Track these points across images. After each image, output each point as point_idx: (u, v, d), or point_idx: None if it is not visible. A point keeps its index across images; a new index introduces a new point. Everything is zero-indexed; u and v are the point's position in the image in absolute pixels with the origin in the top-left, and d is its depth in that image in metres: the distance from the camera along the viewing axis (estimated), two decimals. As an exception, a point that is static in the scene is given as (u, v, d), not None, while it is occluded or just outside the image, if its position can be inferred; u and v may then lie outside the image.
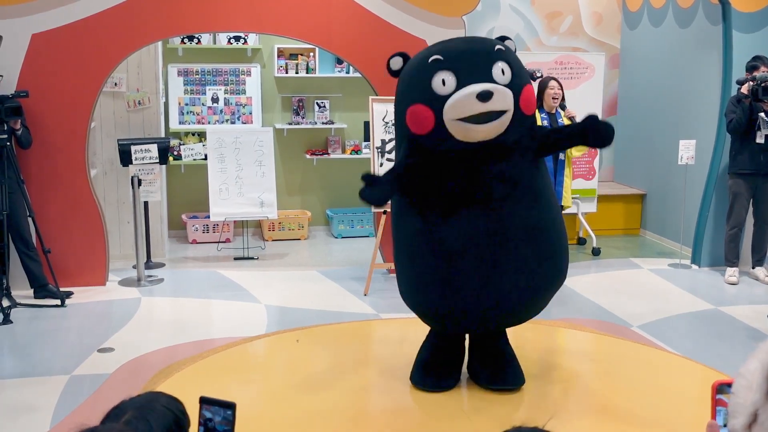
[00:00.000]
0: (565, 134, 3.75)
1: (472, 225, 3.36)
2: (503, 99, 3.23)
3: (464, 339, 3.76)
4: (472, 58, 3.31)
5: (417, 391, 3.72)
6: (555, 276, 3.58)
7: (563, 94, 6.45)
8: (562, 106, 6.44)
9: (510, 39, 3.55)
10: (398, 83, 3.54)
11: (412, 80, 3.40)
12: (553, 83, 6.41)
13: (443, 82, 3.25)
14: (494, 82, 3.24)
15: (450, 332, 3.67)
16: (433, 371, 3.71)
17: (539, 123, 6.23)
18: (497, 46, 3.38)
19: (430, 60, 3.32)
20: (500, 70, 3.28)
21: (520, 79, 3.35)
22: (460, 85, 3.23)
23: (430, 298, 3.48)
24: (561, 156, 6.34)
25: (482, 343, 3.72)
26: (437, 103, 3.26)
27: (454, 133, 3.27)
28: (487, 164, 3.35)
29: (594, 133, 3.41)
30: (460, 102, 3.22)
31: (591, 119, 3.40)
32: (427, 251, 3.42)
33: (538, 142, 3.48)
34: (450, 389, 3.69)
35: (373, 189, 3.32)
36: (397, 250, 3.62)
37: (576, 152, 6.48)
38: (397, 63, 3.55)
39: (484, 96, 3.18)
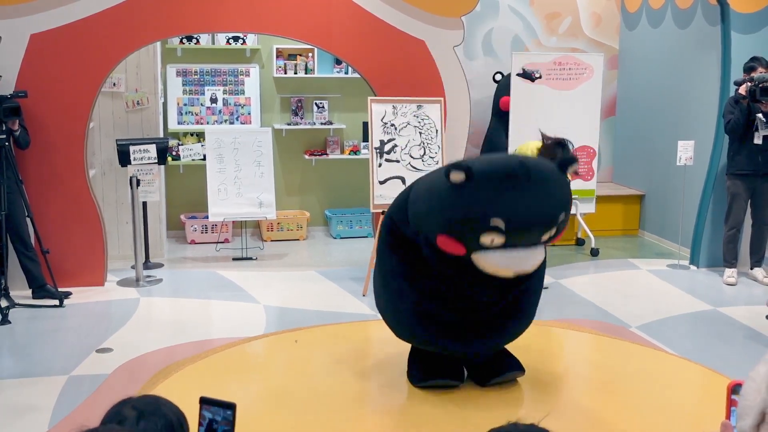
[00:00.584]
0: None
1: (468, 302, 3.47)
2: (535, 266, 3.23)
3: None
4: (535, 232, 3.13)
5: (415, 391, 3.72)
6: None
7: None
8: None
9: (575, 162, 3.26)
10: (446, 196, 3.15)
11: (463, 219, 3.12)
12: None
13: (492, 241, 3.08)
14: (539, 242, 3.18)
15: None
16: (431, 368, 3.72)
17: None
18: (561, 217, 3.15)
19: (491, 222, 3.04)
20: (549, 236, 3.20)
21: (564, 224, 3.26)
22: (507, 245, 3.10)
23: (415, 332, 3.61)
24: None
25: None
26: (475, 246, 3.12)
27: (479, 267, 3.20)
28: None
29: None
30: (495, 268, 3.15)
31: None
32: (417, 304, 3.52)
33: None
34: (454, 386, 3.70)
35: None
36: (384, 283, 3.67)
37: None
38: (458, 177, 3.09)
39: (519, 273, 3.20)
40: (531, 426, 1.59)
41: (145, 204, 6.98)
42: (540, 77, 7.31)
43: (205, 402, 1.78)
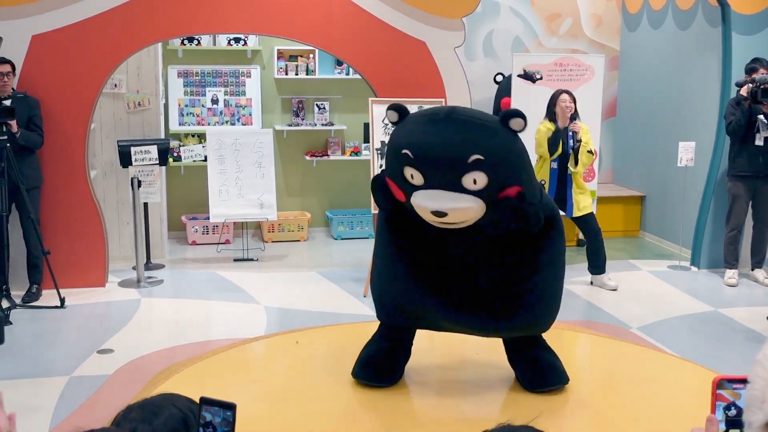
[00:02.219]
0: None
1: (444, 278, 3.45)
2: (461, 215, 3.15)
3: (412, 341, 3.81)
4: (442, 164, 3.12)
5: (417, 391, 3.73)
6: (531, 328, 3.66)
7: (575, 107, 6.37)
8: (573, 118, 6.38)
9: (519, 117, 3.17)
10: (391, 135, 3.43)
11: (389, 151, 3.32)
12: (564, 96, 6.37)
13: (412, 176, 3.17)
14: (463, 190, 3.12)
15: (408, 327, 3.75)
16: (375, 366, 3.75)
17: (547, 135, 6.26)
18: (474, 157, 3.08)
19: (402, 151, 3.17)
20: (472, 180, 3.11)
21: (499, 183, 3.16)
22: (427, 184, 3.14)
23: (396, 302, 3.61)
24: (570, 169, 6.36)
25: (517, 351, 3.76)
26: (403, 185, 3.24)
27: (421, 215, 3.24)
28: (458, 236, 3.32)
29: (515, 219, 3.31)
30: (418, 208, 3.18)
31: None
32: (402, 272, 3.54)
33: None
34: (391, 386, 3.73)
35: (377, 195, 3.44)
36: (375, 256, 3.74)
37: (581, 167, 6.42)
38: (393, 117, 3.33)
39: (439, 215, 3.13)
40: (526, 426, 1.58)
41: (146, 205, 6.98)
42: (541, 78, 7.31)
43: (205, 402, 1.78)
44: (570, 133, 6.33)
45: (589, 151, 6.34)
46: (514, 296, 3.52)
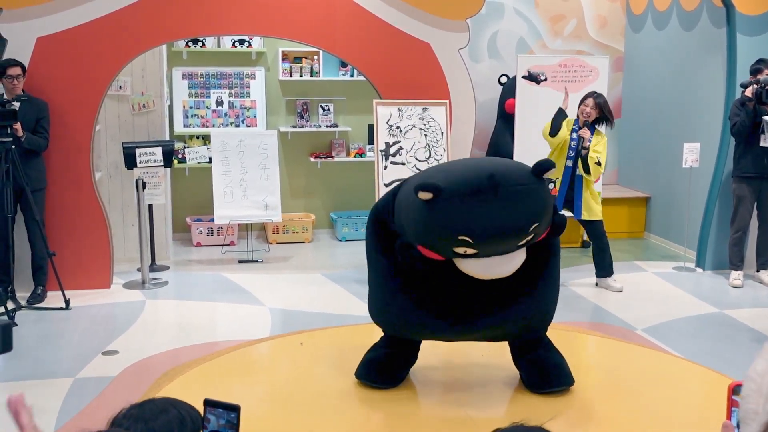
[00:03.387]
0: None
1: (450, 294, 3.54)
2: (512, 270, 3.34)
3: (418, 347, 3.87)
4: (502, 243, 3.23)
5: (421, 393, 3.73)
6: (539, 328, 3.80)
7: (598, 114, 6.30)
8: (592, 129, 6.34)
9: (550, 167, 3.25)
10: (419, 212, 3.24)
11: (433, 234, 3.26)
12: (588, 101, 6.34)
13: (464, 251, 3.24)
14: (515, 249, 3.30)
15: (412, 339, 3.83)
16: (378, 368, 3.80)
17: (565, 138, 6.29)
18: (532, 227, 3.21)
19: (458, 237, 3.16)
20: (525, 241, 3.28)
21: (543, 230, 3.35)
22: (481, 254, 3.25)
23: (400, 324, 3.71)
24: (578, 171, 6.34)
25: (523, 351, 3.78)
26: (451, 255, 3.30)
27: (465, 272, 3.36)
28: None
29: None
30: (469, 272, 3.31)
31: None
32: (403, 297, 3.60)
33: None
34: (395, 387, 3.78)
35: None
36: (373, 282, 3.79)
37: (592, 177, 6.40)
38: (425, 197, 3.19)
39: (497, 277, 3.34)
40: (538, 428, 1.58)
41: (150, 206, 6.99)
42: (545, 80, 7.31)
43: (209, 404, 1.78)
44: (576, 138, 6.31)
45: (597, 163, 6.31)
46: (524, 303, 3.58)
